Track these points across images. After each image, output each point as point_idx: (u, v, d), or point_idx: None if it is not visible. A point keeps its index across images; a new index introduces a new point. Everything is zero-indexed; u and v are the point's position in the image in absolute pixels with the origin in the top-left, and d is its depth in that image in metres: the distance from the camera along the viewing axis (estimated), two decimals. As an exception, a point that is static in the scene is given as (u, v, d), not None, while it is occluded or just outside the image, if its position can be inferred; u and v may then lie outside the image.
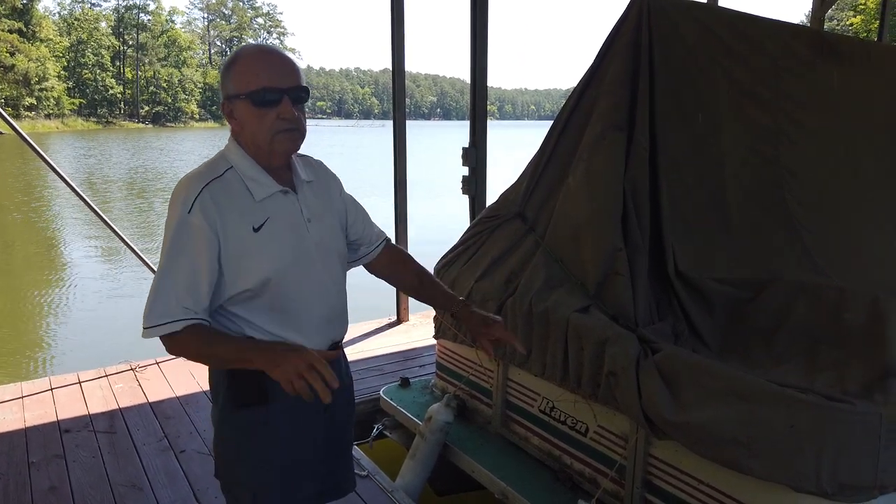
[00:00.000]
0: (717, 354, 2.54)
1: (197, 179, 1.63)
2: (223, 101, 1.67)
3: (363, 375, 4.58)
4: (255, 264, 1.63)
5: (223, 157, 1.70)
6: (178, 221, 1.58)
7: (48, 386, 4.43)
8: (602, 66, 3.06)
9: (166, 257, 1.60)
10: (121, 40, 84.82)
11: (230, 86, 1.63)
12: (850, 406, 1.98)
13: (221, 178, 1.64)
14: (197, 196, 1.59)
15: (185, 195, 1.60)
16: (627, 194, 2.79)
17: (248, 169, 1.67)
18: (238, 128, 1.67)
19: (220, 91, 1.69)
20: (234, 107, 1.64)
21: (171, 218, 1.61)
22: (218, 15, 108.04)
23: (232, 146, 1.70)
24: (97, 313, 8.97)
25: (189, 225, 1.58)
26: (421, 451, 3.24)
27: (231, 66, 1.64)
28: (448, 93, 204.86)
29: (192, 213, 1.58)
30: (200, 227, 1.58)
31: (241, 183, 1.66)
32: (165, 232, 1.62)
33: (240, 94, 1.61)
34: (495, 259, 3.13)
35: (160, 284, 1.59)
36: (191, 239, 1.58)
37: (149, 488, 3.23)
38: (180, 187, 1.63)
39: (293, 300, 1.70)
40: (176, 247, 1.59)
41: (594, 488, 2.71)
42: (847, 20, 38.08)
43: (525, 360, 2.88)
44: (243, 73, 1.61)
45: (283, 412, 1.72)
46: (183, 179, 1.66)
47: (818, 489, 1.96)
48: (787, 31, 3.33)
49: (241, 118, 1.64)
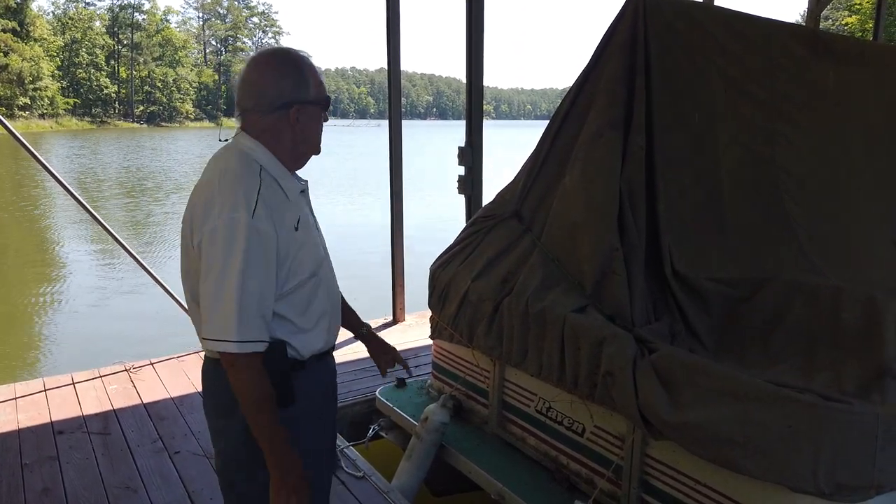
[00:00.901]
0: (714, 354, 2.53)
1: (248, 179, 1.61)
2: (294, 105, 1.68)
3: (359, 376, 4.57)
4: (300, 263, 1.67)
5: (249, 157, 1.68)
6: (247, 226, 1.55)
7: (42, 387, 4.40)
8: (598, 66, 3.06)
9: (243, 266, 1.54)
10: (115, 40, 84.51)
11: (310, 91, 1.69)
12: (848, 406, 1.97)
13: (262, 178, 1.65)
14: (257, 198, 1.58)
15: (243, 195, 1.57)
16: (624, 194, 2.78)
17: (277, 170, 1.70)
18: (299, 132, 1.71)
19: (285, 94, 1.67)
20: (304, 111, 1.69)
21: (231, 219, 1.55)
22: (213, 14, 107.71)
23: (256, 147, 1.69)
24: (91, 314, 8.94)
25: (258, 232, 1.56)
26: (417, 451, 3.23)
27: (305, 71, 1.69)
28: (444, 92, 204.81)
29: (255, 216, 1.56)
30: (268, 234, 1.58)
31: (276, 183, 1.68)
32: (222, 233, 1.55)
33: (319, 100, 1.72)
34: (491, 259, 3.12)
35: (244, 295, 1.55)
36: (264, 247, 1.57)
37: (143, 490, 3.21)
38: (229, 186, 1.59)
39: (321, 298, 1.76)
40: (253, 255, 1.56)
41: (591, 489, 2.70)
42: (842, 20, 38.20)
43: (520, 360, 2.87)
44: (318, 80, 1.71)
45: (305, 408, 1.76)
46: (226, 179, 1.61)
47: (815, 489, 1.95)
48: (783, 31, 3.33)
49: (308, 122, 1.72)
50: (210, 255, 1.57)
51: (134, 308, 9.05)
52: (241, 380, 1.59)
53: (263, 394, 1.60)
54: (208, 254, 1.57)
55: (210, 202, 1.60)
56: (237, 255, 1.54)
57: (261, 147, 1.69)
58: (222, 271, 1.55)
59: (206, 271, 1.58)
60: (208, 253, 1.57)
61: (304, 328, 1.72)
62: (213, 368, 1.75)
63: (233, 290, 1.54)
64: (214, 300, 1.56)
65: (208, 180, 1.67)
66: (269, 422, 1.61)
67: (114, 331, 8.14)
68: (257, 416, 1.61)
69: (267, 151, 1.69)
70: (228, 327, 1.55)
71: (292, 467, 1.63)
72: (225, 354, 1.58)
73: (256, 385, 1.59)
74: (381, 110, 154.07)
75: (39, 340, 8.04)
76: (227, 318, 1.55)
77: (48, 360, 7.30)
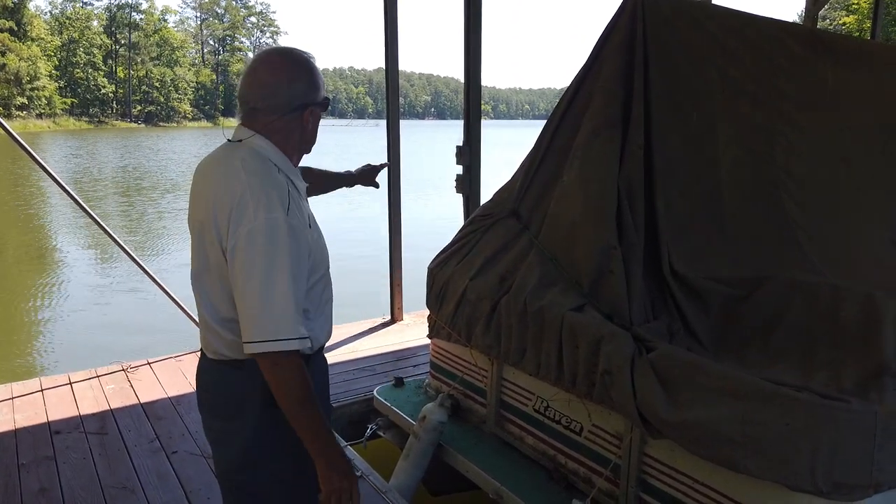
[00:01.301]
0: (713, 353, 2.53)
1: (274, 179, 1.64)
2: (309, 107, 1.72)
3: (357, 375, 4.55)
4: (318, 259, 1.71)
5: (261, 156, 1.68)
6: (287, 226, 1.56)
7: (38, 387, 4.39)
8: (596, 65, 3.06)
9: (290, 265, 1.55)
10: (113, 39, 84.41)
11: (320, 94, 1.74)
12: (846, 404, 1.97)
13: (285, 176, 1.68)
14: (289, 196, 1.61)
15: (278, 198, 1.58)
16: (622, 192, 2.77)
17: (287, 168, 1.73)
18: (308, 131, 1.76)
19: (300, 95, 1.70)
20: (314, 112, 1.74)
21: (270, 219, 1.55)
22: (211, 14, 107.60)
23: (267, 146, 1.70)
24: (88, 314, 8.92)
25: (295, 230, 1.58)
26: (415, 451, 3.22)
27: (312, 73, 1.72)
28: (442, 92, 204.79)
29: (290, 213, 1.59)
30: (302, 232, 1.61)
31: (290, 181, 1.69)
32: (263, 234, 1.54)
33: (325, 100, 1.77)
34: (489, 258, 3.11)
35: (295, 293, 1.56)
36: (299, 246, 1.59)
37: (140, 490, 3.20)
38: (259, 187, 1.59)
39: (329, 292, 1.82)
40: (294, 256, 1.57)
41: (589, 488, 2.70)
42: (840, 19, 38.27)
43: (518, 359, 2.86)
44: (320, 80, 1.74)
45: None
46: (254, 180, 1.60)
47: (814, 487, 1.95)
48: (781, 30, 3.33)
49: (313, 123, 1.76)
50: (250, 257, 1.55)
51: (131, 308, 9.04)
52: (287, 378, 1.58)
53: (310, 388, 1.62)
54: (248, 256, 1.55)
55: (241, 204, 1.57)
56: (282, 256, 1.55)
57: (272, 146, 1.70)
58: (268, 272, 1.54)
59: (248, 273, 1.56)
60: (248, 255, 1.55)
61: (315, 322, 1.75)
62: (218, 370, 1.75)
63: (284, 289, 1.55)
64: (264, 301, 1.55)
65: (227, 181, 1.63)
66: (316, 415, 1.63)
67: (111, 330, 8.13)
68: (305, 411, 1.61)
69: (278, 150, 1.71)
70: (284, 327, 1.55)
71: (338, 454, 1.66)
72: (272, 354, 1.56)
73: (304, 381, 1.60)
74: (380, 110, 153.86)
75: (36, 340, 8.02)
76: (282, 318, 1.55)
77: (45, 359, 7.29)
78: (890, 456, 1.98)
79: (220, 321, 1.69)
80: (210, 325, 1.71)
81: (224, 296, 1.66)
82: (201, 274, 1.71)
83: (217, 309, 1.69)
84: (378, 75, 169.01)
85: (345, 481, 1.63)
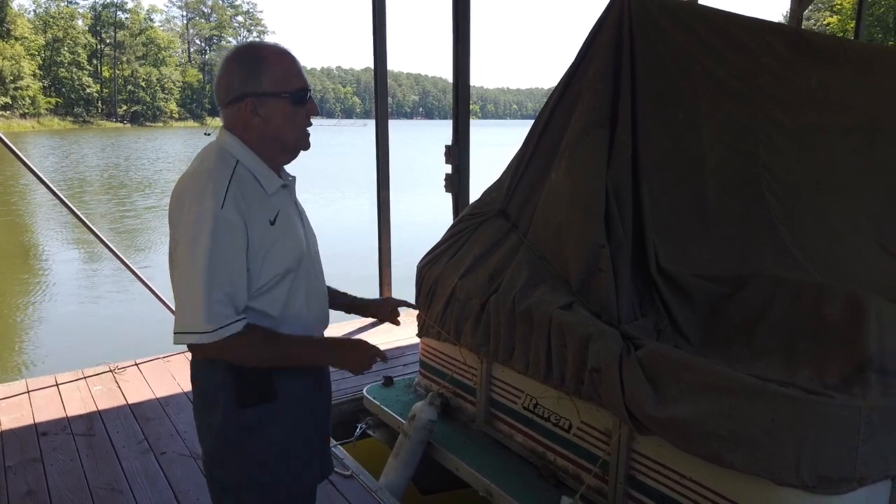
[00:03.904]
0: (699, 350, 2.55)
1: (218, 173, 1.61)
2: (246, 97, 1.66)
3: (346, 375, 4.51)
4: (275, 258, 1.66)
5: (225, 151, 1.67)
6: (214, 217, 1.54)
7: (24, 388, 4.35)
8: (584, 64, 3.07)
9: (208, 256, 1.54)
10: (98, 38, 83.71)
11: (264, 83, 1.65)
12: (830, 399, 2.00)
13: (236, 172, 1.64)
14: (227, 190, 1.57)
15: (212, 188, 1.56)
16: (610, 191, 2.79)
17: (254, 164, 1.69)
18: (261, 124, 1.68)
19: (236, 86, 1.67)
20: (262, 103, 1.66)
21: (199, 213, 1.54)
22: (197, 13, 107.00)
23: (233, 142, 1.69)
24: (74, 314, 8.85)
25: (225, 221, 1.55)
26: (405, 449, 3.23)
27: (261, 63, 1.66)
28: (430, 92, 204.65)
29: (224, 208, 1.56)
30: (236, 224, 1.57)
31: (252, 177, 1.67)
32: (190, 227, 1.55)
33: (280, 91, 1.66)
34: (478, 257, 3.13)
35: (210, 284, 1.54)
36: (231, 235, 1.56)
37: (128, 491, 3.18)
38: (198, 182, 1.59)
39: (302, 294, 1.75)
40: (218, 244, 1.55)
41: (578, 484, 2.71)
42: (824, 20, 38.62)
43: (507, 357, 2.88)
44: (281, 71, 1.67)
45: (288, 404, 1.74)
46: (197, 175, 1.61)
47: (799, 482, 1.98)
48: (766, 30, 3.36)
49: (270, 115, 1.68)
50: (181, 251, 1.57)
51: (118, 308, 8.97)
52: (240, 357, 1.63)
53: (272, 349, 1.67)
54: (180, 249, 1.58)
55: (181, 200, 1.60)
56: (203, 246, 1.54)
57: (237, 141, 1.68)
58: (190, 265, 1.55)
59: (177, 266, 1.59)
60: (180, 248, 1.58)
61: (285, 324, 1.71)
62: (196, 364, 1.76)
63: (199, 282, 1.54)
64: (184, 294, 1.57)
65: (185, 174, 1.66)
66: (295, 350, 1.72)
67: (98, 331, 8.07)
68: (283, 359, 1.70)
69: (243, 146, 1.68)
70: (196, 319, 1.55)
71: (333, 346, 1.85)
72: (201, 346, 1.58)
73: (256, 349, 1.64)
74: (368, 110, 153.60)
75: (22, 341, 7.94)
76: (195, 311, 1.55)
77: (31, 361, 7.22)
78: (874, 450, 2.00)
79: None
80: None
81: None
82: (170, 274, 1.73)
83: None
84: (366, 75, 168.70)
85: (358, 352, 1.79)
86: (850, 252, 3.12)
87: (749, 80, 3.24)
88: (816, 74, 3.38)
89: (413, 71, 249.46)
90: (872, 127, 3.48)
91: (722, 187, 3.06)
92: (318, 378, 1.89)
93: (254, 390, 1.69)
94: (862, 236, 3.21)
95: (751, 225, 3.04)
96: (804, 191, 3.20)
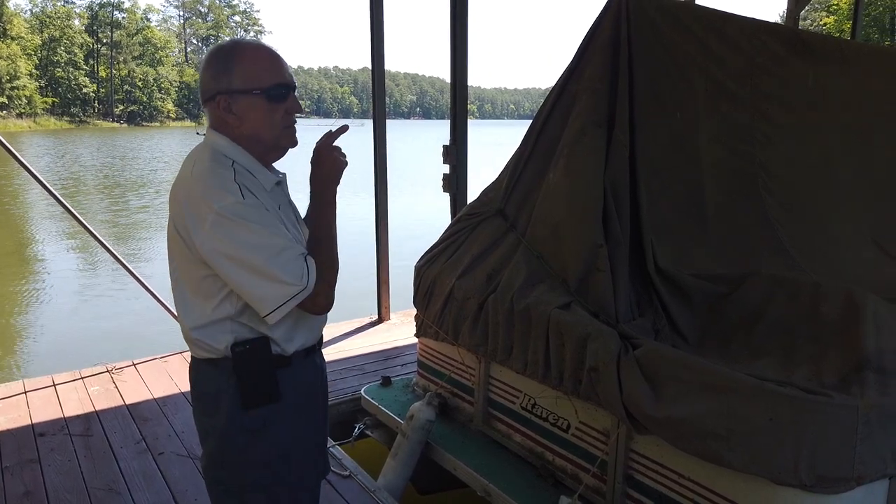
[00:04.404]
0: (697, 349, 2.56)
1: (222, 171, 1.59)
2: (218, 95, 1.63)
3: (344, 375, 4.55)
4: None
5: (217, 151, 1.65)
6: (241, 206, 1.53)
7: (22, 389, 4.34)
8: (581, 64, 3.07)
9: (259, 233, 1.54)
10: (94, 38, 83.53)
11: (234, 80, 1.61)
12: (828, 398, 2.00)
13: (235, 169, 1.61)
14: (238, 185, 1.56)
15: (226, 186, 1.54)
16: (608, 190, 2.79)
17: (248, 162, 1.66)
18: (236, 122, 1.64)
19: (209, 84, 1.64)
20: (234, 101, 1.62)
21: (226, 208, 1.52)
22: (194, 13, 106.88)
23: (223, 141, 1.66)
24: (71, 314, 8.83)
25: (253, 206, 1.55)
26: (403, 449, 3.23)
27: (232, 60, 1.62)
28: (428, 92, 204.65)
29: (246, 197, 1.55)
30: (261, 205, 1.57)
31: (249, 174, 1.64)
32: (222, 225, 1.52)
33: (250, 88, 1.61)
34: (476, 257, 3.13)
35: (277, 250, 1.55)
36: (263, 212, 1.57)
37: (126, 492, 3.17)
38: (207, 183, 1.56)
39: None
40: (259, 220, 1.55)
41: (576, 484, 2.72)
42: (820, 20, 38.71)
43: (506, 357, 2.88)
44: (253, 68, 1.62)
45: (292, 406, 1.73)
46: (202, 177, 1.58)
47: (797, 481, 1.98)
48: (763, 30, 3.37)
49: (244, 113, 1.63)
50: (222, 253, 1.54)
51: (115, 308, 8.95)
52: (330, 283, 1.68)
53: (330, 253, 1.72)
54: (218, 252, 1.54)
55: (196, 206, 1.56)
56: (244, 235, 1.53)
57: (227, 141, 1.66)
58: (241, 258, 1.54)
59: (228, 267, 1.56)
60: (218, 252, 1.54)
61: (287, 322, 1.69)
62: (197, 367, 1.75)
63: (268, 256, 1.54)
64: (255, 283, 1.56)
65: (182, 178, 1.63)
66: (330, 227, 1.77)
67: (95, 331, 8.05)
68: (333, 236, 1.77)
69: (233, 144, 1.66)
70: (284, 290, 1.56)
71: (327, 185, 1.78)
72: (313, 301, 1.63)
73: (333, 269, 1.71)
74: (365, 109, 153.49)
75: (19, 342, 7.92)
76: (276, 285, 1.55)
77: (28, 361, 7.20)
78: (871, 449, 2.01)
79: (189, 327, 1.68)
80: (182, 328, 1.72)
81: (185, 301, 1.66)
82: (172, 278, 1.70)
83: (184, 314, 1.69)
84: (363, 75, 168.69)
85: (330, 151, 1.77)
86: (847, 251, 3.12)
87: (746, 80, 3.25)
88: (813, 74, 3.39)
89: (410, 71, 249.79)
90: (869, 126, 3.49)
91: (719, 187, 3.06)
92: (320, 387, 1.89)
93: (260, 391, 1.67)
94: (859, 236, 3.22)
95: (748, 224, 3.04)
96: (801, 190, 3.21)
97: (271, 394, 1.68)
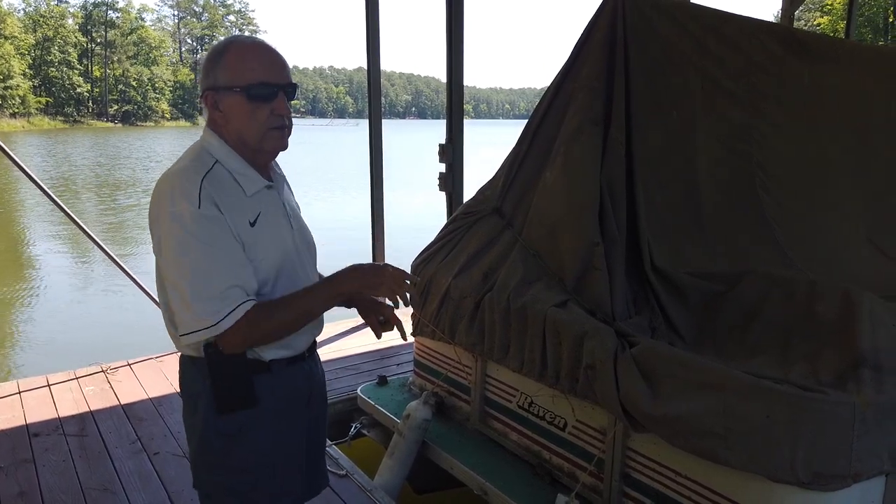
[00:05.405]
0: (693, 347, 2.56)
1: (191, 172, 1.55)
2: (205, 91, 1.61)
3: (340, 374, 4.54)
4: (256, 261, 1.59)
5: (204, 150, 1.62)
6: (192, 216, 1.49)
7: (16, 389, 4.31)
8: (577, 63, 3.07)
9: (196, 252, 1.49)
10: (88, 38, 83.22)
11: (219, 76, 1.58)
12: (824, 396, 2.01)
13: (212, 171, 1.57)
14: (200, 190, 1.51)
15: (186, 190, 1.51)
16: (604, 189, 2.80)
17: (234, 163, 1.62)
18: (223, 121, 1.61)
19: (201, 81, 1.62)
20: (220, 98, 1.59)
21: (177, 215, 1.50)
22: (189, 13, 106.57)
23: (213, 139, 1.63)
24: (66, 314, 8.79)
25: (205, 218, 1.50)
26: (399, 449, 3.22)
27: (221, 56, 1.59)
28: (423, 91, 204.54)
29: (202, 207, 1.50)
30: (217, 217, 1.52)
31: (230, 177, 1.60)
32: (172, 230, 1.50)
33: (232, 86, 1.57)
34: (472, 255, 3.12)
35: (205, 277, 1.49)
36: (216, 228, 1.51)
37: (122, 492, 3.16)
38: (172, 182, 1.54)
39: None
40: (203, 238, 1.49)
41: (573, 482, 2.71)
42: (814, 20, 38.86)
43: (502, 355, 2.88)
44: (237, 64, 1.57)
45: (272, 412, 1.68)
46: (172, 175, 1.56)
47: (794, 478, 1.98)
48: (759, 29, 3.38)
49: (229, 111, 1.59)
50: (169, 254, 1.53)
51: (110, 308, 8.93)
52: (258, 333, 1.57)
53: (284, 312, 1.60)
54: (167, 253, 1.53)
55: (159, 201, 1.55)
56: (182, 252, 1.50)
57: (218, 140, 1.62)
58: (179, 269, 1.51)
59: (167, 272, 1.55)
60: (167, 252, 1.53)
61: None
62: (182, 364, 1.72)
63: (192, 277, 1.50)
64: (177, 303, 1.54)
65: (161, 176, 1.61)
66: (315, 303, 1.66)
67: (90, 331, 8.03)
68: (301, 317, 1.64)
69: (222, 143, 1.62)
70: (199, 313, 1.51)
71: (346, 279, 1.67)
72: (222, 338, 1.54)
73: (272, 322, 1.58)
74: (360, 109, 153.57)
75: (13, 342, 7.88)
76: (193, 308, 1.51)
77: (22, 361, 7.17)
78: (868, 446, 2.01)
79: (168, 321, 1.66)
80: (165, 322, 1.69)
81: (163, 297, 1.63)
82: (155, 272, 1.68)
83: (164, 308, 1.66)
84: (358, 75, 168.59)
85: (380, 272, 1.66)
86: (842, 250, 3.13)
87: (742, 79, 3.26)
88: (809, 73, 3.40)
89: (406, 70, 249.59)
90: (865, 126, 3.51)
91: (716, 185, 3.07)
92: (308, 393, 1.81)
93: (233, 395, 1.62)
94: (854, 234, 3.23)
95: (744, 223, 3.05)
96: (797, 189, 3.22)
97: (246, 398, 1.63)
